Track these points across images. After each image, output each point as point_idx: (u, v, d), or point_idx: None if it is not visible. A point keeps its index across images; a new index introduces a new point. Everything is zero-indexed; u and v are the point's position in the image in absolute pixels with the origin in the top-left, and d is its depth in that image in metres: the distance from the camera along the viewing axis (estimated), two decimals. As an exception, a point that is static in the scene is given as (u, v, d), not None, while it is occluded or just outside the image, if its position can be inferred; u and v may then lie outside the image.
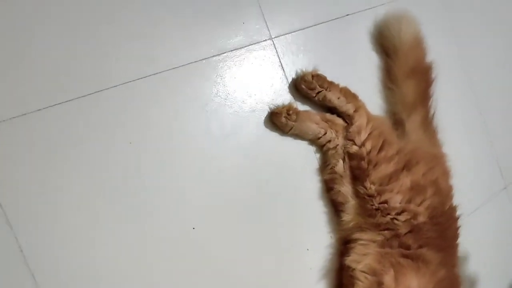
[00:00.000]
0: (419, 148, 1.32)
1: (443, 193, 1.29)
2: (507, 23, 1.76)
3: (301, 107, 1.27)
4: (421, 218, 1.23)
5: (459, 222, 1.32)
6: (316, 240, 1.26)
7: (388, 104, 1.43)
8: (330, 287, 1.26)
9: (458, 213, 1.33)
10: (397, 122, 1.39)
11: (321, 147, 1.28)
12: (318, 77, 1.24)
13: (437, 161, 1.32)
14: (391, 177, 1.23)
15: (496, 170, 1.69)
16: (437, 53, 1.44)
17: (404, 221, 1.22)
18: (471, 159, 1.66)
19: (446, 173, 1.34)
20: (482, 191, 1.64)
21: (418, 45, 1.42)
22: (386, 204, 1.22)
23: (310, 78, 1.23)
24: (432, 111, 1.42)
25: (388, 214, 1.22)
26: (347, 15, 1.38)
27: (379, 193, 1.22)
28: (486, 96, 1.71)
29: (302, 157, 1.27)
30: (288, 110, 1.20)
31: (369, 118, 1.29)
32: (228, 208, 1.15)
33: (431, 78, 1.42)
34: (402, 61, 1.40)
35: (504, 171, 1.70)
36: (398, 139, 1.32)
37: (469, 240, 1.48)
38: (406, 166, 1.26)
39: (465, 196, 1.54)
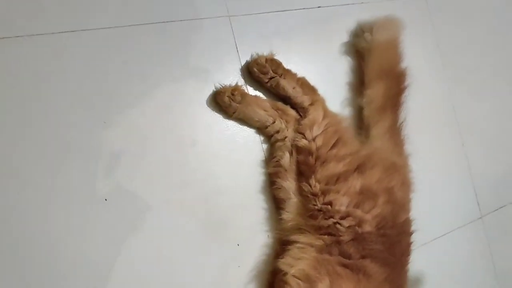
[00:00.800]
0: (379, 154, 1.21)
1: (397, 203, 1.17)
2: (494, 38, 1.66)
3: (252, 93, 1.18)
4: (367, 227, 1.11)
5: (412, 238, 1.18)
6: (250, 237, 1.15)
7: (355, 107, 1.33)
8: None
9: (412, 228, 1.20)
10: (362, 127, 1.29)
11: (269, 137, 1.19)
12: (272, 62, 1.16)
13: (396, 170, 1.21)
14: (339, 178, 1.12)
15: (473, 200, 1.56)
16: (418, 67, 1.35)
17: (348, 227, 1.10)
18: (449, 185, 1.54)
19: (405, 184, 1.22)
20: (456, 217, 1.51)
21: (393, 48, 1.33)
22: (329, 206, 1.11)
23: (263, 61, 1.15)
24: (401, 120, 1.31)
25: (331, 217, 1.11)
26: (319, 7, 1.31)
27: (324, 193, 1.11)
28: (469, 127, 1.59)
29: (247, 146, 1.18)
30: (233, 91, 1.11)
31: (326, 114, 1.20)
32: (157, 189, 1.06)
33: (403, 85, 1.33)
34: (374, 62, 1.31)
35: (481, 203, 1.56)
36: (359, 143, 1.22)
37: (433, 263, 1.39)
38: (359, 169, 1.15)
39: (438, 218, 1.44)
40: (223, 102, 1.11)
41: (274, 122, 1.16)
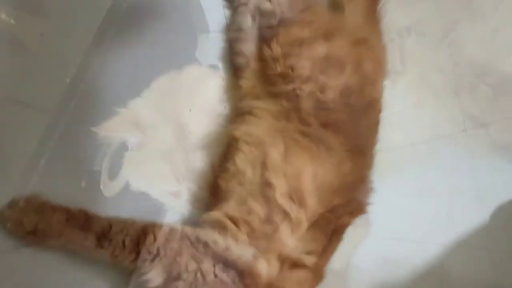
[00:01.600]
0: (351, 28, 1.12)
1: (366, 78, 1.07)
2: None
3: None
4: (330, 93, 1.02)
5: (380, 118, 1.09)
6: (205, 106, 1.06)
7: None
8: (212, 160, 1.05)
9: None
10: (335, 6, 1.19)
11: (231, 2, 1.09)
12: None
13: (369, 47, 1.11)
14: (303, 42, 1.04)
15: (457, 112, 1.45)
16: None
17: (309, 92, 1.01)
18: (433, 92, 1.43)
19: (378, 64, 1.13)
20: (440, 126, 1.40)
21: None
22: (290, 70, 1.02)
23: None
24: (380, 5, 1.21)
25: (292, 82, 1.02)
26: None
27: (285, 56, 1.03)
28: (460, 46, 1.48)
29: (208, 11, 1.09)
30: None
31: (296, -18, 1.10)
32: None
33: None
34: None
35: (466, 116, 1.46)
36: (330, 15, 1.12)
37: (414, 165, 1.31)
38: (326, 36, 1.06)
39: (418, 123, 1.34)
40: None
41: (235, -18, 1.07)
